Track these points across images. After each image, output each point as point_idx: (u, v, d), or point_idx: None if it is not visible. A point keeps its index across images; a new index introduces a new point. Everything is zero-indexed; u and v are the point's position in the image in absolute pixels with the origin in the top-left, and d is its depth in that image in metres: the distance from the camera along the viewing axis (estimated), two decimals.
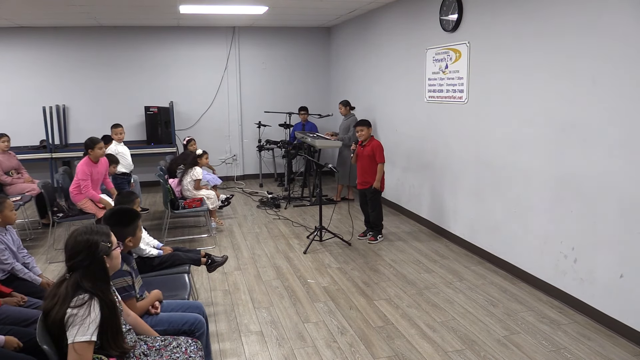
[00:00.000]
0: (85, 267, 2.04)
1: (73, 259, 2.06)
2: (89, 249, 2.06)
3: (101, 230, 2.17)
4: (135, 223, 2.76)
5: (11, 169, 6.31)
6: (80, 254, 2.05)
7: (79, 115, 8.32)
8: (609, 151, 3.44)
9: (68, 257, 2.08)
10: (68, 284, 2.02)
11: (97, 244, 2.08)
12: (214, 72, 8.91)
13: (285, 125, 8.23)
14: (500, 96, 4.54)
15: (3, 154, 6.26)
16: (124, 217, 2.73)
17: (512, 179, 4.44)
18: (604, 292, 3.54)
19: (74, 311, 1.95)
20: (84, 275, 2.03)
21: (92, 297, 2.00)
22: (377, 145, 5.31)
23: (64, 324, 1.94)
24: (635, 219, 3.26)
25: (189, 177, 5.93)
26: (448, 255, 5.07)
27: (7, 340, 2.52)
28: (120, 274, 2.51)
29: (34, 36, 8.01)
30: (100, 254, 2.08)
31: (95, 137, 5.34)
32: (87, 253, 2.06)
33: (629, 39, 3.23)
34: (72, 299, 1.98)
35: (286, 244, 5.52)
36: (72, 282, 2.02)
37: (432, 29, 5.53)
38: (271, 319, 3.76)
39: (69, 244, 2.09)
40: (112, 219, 2.68)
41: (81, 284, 2.01)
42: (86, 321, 1.94)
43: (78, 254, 2.05)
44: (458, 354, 3.23)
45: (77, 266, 2.04)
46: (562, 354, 3.19)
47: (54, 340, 1.99)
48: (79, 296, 1.98)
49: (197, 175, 5.95)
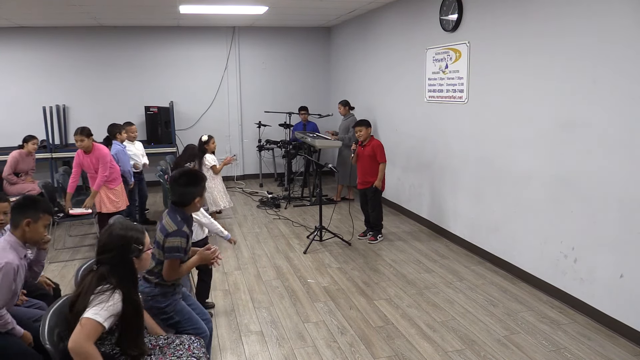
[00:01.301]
0: (113, 265, 2.05)
1: (103, 254, 2.07)
2: (121, 247, 2.08)
3: (137, 229, 2.18)
4: (203, 184, 2.77)
5: (24, 171, 6.32)
6: (112, 251, 2.06)
7: (79, 115, 8.31)
8: (609, 151, 3.44)
9: (99, 250, 2.09)
10: (94, 276, 2.03)
11: (129, 244, 2.09)
12: (214, 72, 8.91)
13: (286, 125, 8.23)
14: (500, 96, 4.54)
15: (27, 156, 6.26)
16: (193, 177, 2.74)
17: (512, 178, 4.44)
18: (604, 292, 3.54)
19: (95, 295, 1.97)
20: (111, 271, 2.04)
21: (115, 289, 2.01)
22: (377, 145, 5.31)
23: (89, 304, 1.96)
24: (635, 219, 3.27)
25: (204, 168, 5.90)
26: (448, 255, 5.07)
27: (24, 334, 2.54)
28: (180, 233, 2.57)
29: (34, 36, 8.01)
30: (130, 255, 2.10)
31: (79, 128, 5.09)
32: (118, 251, 2.07)
33: (629, 39, 3.24)
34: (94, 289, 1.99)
35: (286, 244, 5.52)
36: (98, 275, 2.03)
37: (432, 29, 5.54)
38: (271, 319, 3.77)
39: (103, 238, 2.10)
40: (182, 179, 2.69)
41: (107, 278, 2.02)
42: (103, 305, 1.95)
43: (109, 251, 2.07)
44: (458, 353, 3.23)
45: (106, 262, 2.05)
46: (562, 353, 3.20)
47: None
48: (103, 285, 2.00)
49: (210, 161, 5.93)
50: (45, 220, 2.69)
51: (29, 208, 2.63)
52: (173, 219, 2.63)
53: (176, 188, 2.69)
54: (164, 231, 2.61)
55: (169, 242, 2.56)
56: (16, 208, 2.65)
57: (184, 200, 2.69)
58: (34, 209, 2.64)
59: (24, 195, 2.72)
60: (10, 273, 2.47)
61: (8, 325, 2.48)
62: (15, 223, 2.61)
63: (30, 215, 2.61)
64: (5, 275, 2.45)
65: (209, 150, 6.06)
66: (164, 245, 2.58)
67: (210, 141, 6.12)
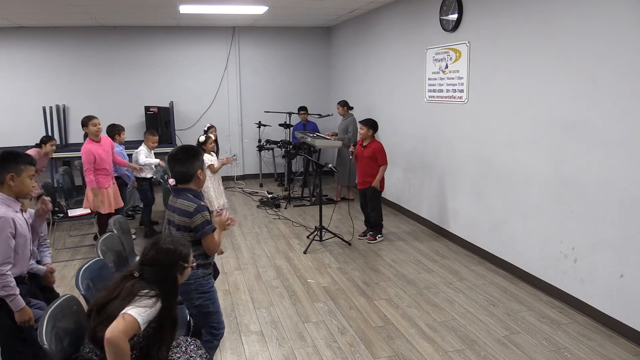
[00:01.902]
0: (157, 278, 2.05)
1: (148, 265, 2.07)
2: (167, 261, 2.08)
3: (185, 245, 2.19)
4: (201, 157, 2.78)
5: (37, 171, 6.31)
6: (157, 266, 2.07)
7: (79, 115, 8.17)
8: (609, 151, 3.44)
9: (144, 262, 2.09)
10: (135, 284, 2.02)
11: (177, 262, 2.10)
12: (214, 72, 8.91)
13: (286, 125, 8.23)
14: (501, 96, 4.54)
15: (44, 156, 6.26)
16: (190, 150, 2.75)
17: (512, 178, 4.44)
18: (604, 292, 3.54)
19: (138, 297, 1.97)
20: (154, 283, 2.04)
21: (158, 297, 2.02)
22: (378, 148, 5.29)
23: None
24: (635, 219, 3.26)
25: None
26: (448, 255, 5.07)
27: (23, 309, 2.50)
28: (201, 208, 2.60)
29: (34, 36, 8.01)
30: (175, 271, 2.10)
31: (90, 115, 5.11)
32: (164, 268, 2.07)
33: (629, 39, 3.23)
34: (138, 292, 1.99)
35: (286, 244, 5.52)
36: (140, 284, 2.03)
37: (432, 29, 5.53)
38: (271, 319, 3.76)
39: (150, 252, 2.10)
40: (179, 154, 2.69)
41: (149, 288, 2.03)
42: (147, 310, 1.96)
43: (155, 265, 2.07)
44: (458, 353, 3.23)
45: (150, 274, 2.06)
46: (562, 353, 3.19)
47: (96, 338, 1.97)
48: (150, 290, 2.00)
49: (207, 161, 5.89)
50: (28, 172, 2.64)
51: (10, 162, 2.58)
52: (187, 198, 2.63)
53: (176, 164, 2.68)
54: (185, 214, 2.60)
55: (196, 220, 2.57)
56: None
57: (186, 176, 2.68)
58: (15, 162, 2.60)
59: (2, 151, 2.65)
60: (5, 227, 2.43)
61: (9, 288, 2.42)
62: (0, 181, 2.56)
63: (12, 169, 2.57)
64: (0, 230, 2.41)
65: (207, 150, 6.06)
66: (193, 226, 2.59)
67: (208, 142, 6.12)
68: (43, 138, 6.33)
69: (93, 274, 2.65)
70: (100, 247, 3.04)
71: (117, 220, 3.63)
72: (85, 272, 2.58)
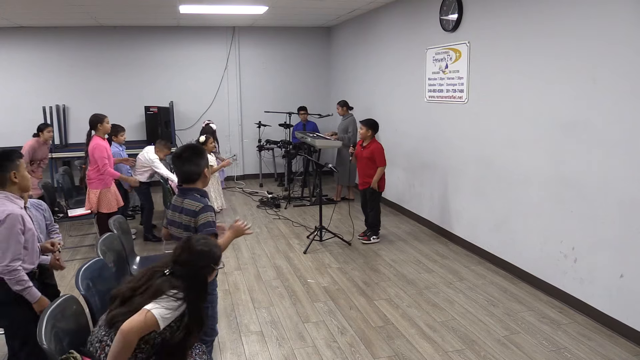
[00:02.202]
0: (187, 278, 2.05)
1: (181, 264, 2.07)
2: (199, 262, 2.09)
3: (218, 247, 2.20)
4: (206, 155, 2.78)
5: (40, 159, 6.33)
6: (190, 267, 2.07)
7: (79, 115, 8.30)
8: (609, 151, 3.43)
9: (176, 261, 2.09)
10: (165, 282, 2.02)
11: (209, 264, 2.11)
12: (214, 72, 8.91)
13: (285, 125, 8.23)
14: (501, 96, 4.54)
15: (43, 144, 6.26)
16: (196, 149, 2.73)
17: (512, 178, 4.43)
18: (604, 292, 3.54)
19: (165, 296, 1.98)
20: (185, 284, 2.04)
21: (184, 301, 2.02)
22: (377, 150, 5.27)
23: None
24: (635, 219, 3.26)
25: None
26: (448, 255, 5.07)
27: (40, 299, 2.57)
28: (208, 208, 2.59)
29: (34, 36, 8.01)
30: (205, 272, 2.11)
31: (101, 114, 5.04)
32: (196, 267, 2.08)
33: (629, 39, 3.23)
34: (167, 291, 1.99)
35: (286, 244, 5.52)
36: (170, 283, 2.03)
37: (432, 29, 5.53)
38: (271, 319, 3.76)
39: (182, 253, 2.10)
40: (187, 153, 2.67)
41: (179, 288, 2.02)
42: (170, 310, 1.96)
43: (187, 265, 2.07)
44: (458, 353, 3.23)
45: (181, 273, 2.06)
46: (562, 353, 3.19)
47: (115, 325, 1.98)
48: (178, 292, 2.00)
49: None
50: (22, 165, 2.71)
51: (7, 161, 2.63)
52: (194, 198, 2.62)
53: (184, 163, 2.66)
54: (190, 213, 2.58)
55: (201, 219, 2.55)
56: None
57: (194, 175, 2.66)
58: (11, 160, 2.64)
59: None
60: (15, 224, 2.47)
61: (23, 282, 2.49)
62: (2, 181, 2.59)
63: (12, 167, 2.62)
64: (11, 226, 2.46)
65: (207, 150, 6.04)
66: (197, 225, 2.57)
67: (208, 141, 6.10)
68: (40, 126, 6.34)
69: (93, 274, 2.65)
70: (100, 247, 3.04)
71: (117, 220, 3.63)
72: (85, 272, 2.58)
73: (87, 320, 2.40)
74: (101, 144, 4.88)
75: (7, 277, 2.46)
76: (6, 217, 2.46)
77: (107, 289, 2.75)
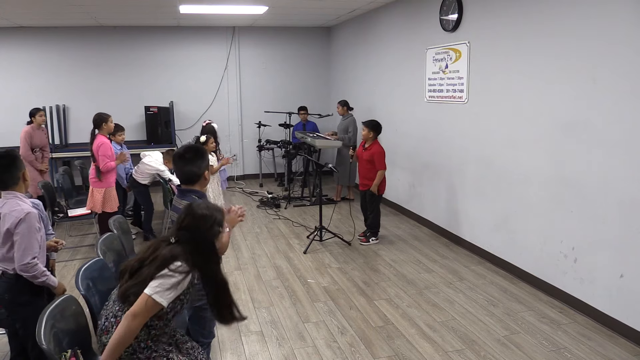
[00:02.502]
0: (194, 244, 2.03)
1: (186, 230, 2.05)
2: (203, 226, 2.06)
3: (220, 210, 2.17)
4: (207, 156, 2.77)
5: (39, 146, 6.34)
6: (194, 231, 2.05)
7: (79, 115, 8.31)
8: (609, 151, 3.43)
9: (180, 227, 2.08)
10: (171, 251, 2.01)
11: (212, 226, 2.08)
12: (214, 72, 8.91)
13: (285, 125, 8.23)
14: (500, 96, 4.54)
15: (37, 129, 6.26)
16: (198, 150, 2.73)
17: (512, 178, 4.43)
18: (604, 292, 3.53)
19: (168, 272, 1.96)
20: (192, 250, 2.02)
21: (191, 270, 2.00)
22: (377, 153, 5.25)
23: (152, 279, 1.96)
24: (635, 219, 3.26)
25: None
26: (448, 255, 5.07)
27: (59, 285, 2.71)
28: None
29: (34, 36, 8.01)
30: (211, 236, 2.08)
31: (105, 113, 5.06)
32: (200, 231, 2.05)
33: (629, 39, 3.23)
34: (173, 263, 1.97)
35: (286, 244, 5.52)
36: (178, 250, 2.01)
37: (432, 29, 5.53)
38: (271, 319, 3.76)
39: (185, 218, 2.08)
40: (189, 154, 2.67)
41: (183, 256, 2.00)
42: (170, 290, 1.95)
43: (191, 225, 2.05)
44: (458, 353, 3.23)
45: (188, 238, 2.04)
46: (562, 353, 3.19)
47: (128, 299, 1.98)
48: (180, 265, 1.98)
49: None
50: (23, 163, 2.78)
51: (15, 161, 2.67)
52: (191, 200, 2.59)
53: (186, 164, 2.65)
54: None
55: None
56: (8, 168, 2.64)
57: (194, 176, 2.67)
58: (17, 160, 2.69)
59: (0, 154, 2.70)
60: (33, 221, 2.55)
61: (43, 273, 2.58)
62: (14, 181, 2.64)
63: (21, 167, 2.68)
64: (31, 225, 2.54)
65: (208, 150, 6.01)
66: None
67: (209, 141, 6.07)
68: (31, 110, 6.33)
69: (93, 274, 2.64)
70: (100, 247, 3.04)
71: (117, 220, 3.62)
72: (85, 272, 2.58)
73: (86, 321, 2.40)
74: (106, 142, 4.93)
75: (29, 273, 2.54)
76: (26, 215, 2.53)
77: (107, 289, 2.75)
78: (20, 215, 2.52)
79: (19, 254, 2.52)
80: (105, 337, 2.02)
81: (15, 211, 2.54)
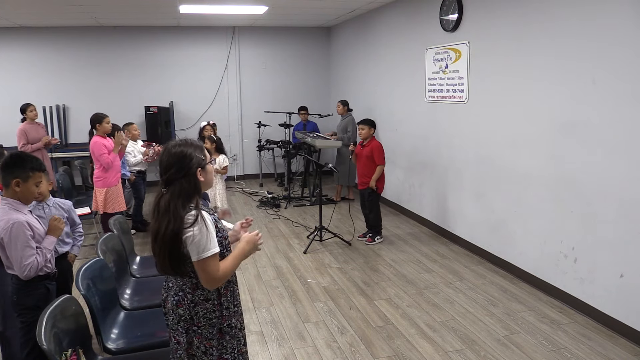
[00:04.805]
0: (179, 180, 2.00)
1: (168, 172, 2.02)
2: (182, 160, 2.03)
3: (195, 143, 2.13)
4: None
5: (37, 140, 6.34)
6: (174, 166, 2.01)
7: (79, 115, 8.30)
8: (609, 151, 3.43)
9: (163, 170, 2.05)
10: (165, 199, 2.00)
11: (191, 156, 2.05)
12: (214, 72, 8.91)
13: (286, 125, 8.23)
14: (500, 96, 4.54)
15: (31, 124, 6.26)
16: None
17: (512, 178, 4.43)
18: (604, 292, 3.54)
19: (190, 230, 1.93)
20: (180, 189, 2.00)
21: (198, 211, 1.98)
22: (376, 147, 5.27)
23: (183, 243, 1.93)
24: (635, 219, 3.26)
25: None
26: (448, 255, 5.07)
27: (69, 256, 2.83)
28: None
29: (34, 36, 8.01)
30: (194, 167, 2.05)
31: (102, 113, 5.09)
32: (181, 165, 2.02)
33: (629, 39, 3.23)
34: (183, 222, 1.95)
35: (286, 244, 5.52)
36: (169, 196, 1.99)
37: (432, 29, 5.53)
38: (271, 319, 3.76)
39: (163, 158, 2.06)
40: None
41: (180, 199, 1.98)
42: (206, 236, 1.94)
43: (172, 166, 2.02)
44: (458, 353, 3.23)
45: (172, 178, 2.01)
46: (562, 353, 3.19)
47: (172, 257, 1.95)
48: (187, 214, 1.96)
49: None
50: (35, 179, 2.50)
51: (17, 167, 2.46)
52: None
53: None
54: None
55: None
56: (3, 168, 2.46)
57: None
58: (22, 168, 2.46)
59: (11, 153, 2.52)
60: (21, 230, 2.42)
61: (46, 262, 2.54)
62: (5, 183, 2.45)
63: (18, 175, 2.44)
64: (17, 234, 2.41)
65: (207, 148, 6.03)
66: None
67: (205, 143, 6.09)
68: (22, 107, 6.34)
69: (93, 274, 2.65)
70: (100, 247, 3.04)
71: (117, 220, 3.62)
72: (85, 272, 2.58)
73: (86, 320, 2.40)
74: (99, 141, 4.91)
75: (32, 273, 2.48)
76: (12, 225, 2.41)
77: (107, 289, 2.76)
78: (6, 226, 2.41)
79: (16, 265, 2.47)
80: (181, 309, 2.03)
81: (2, 221, 2.42)
